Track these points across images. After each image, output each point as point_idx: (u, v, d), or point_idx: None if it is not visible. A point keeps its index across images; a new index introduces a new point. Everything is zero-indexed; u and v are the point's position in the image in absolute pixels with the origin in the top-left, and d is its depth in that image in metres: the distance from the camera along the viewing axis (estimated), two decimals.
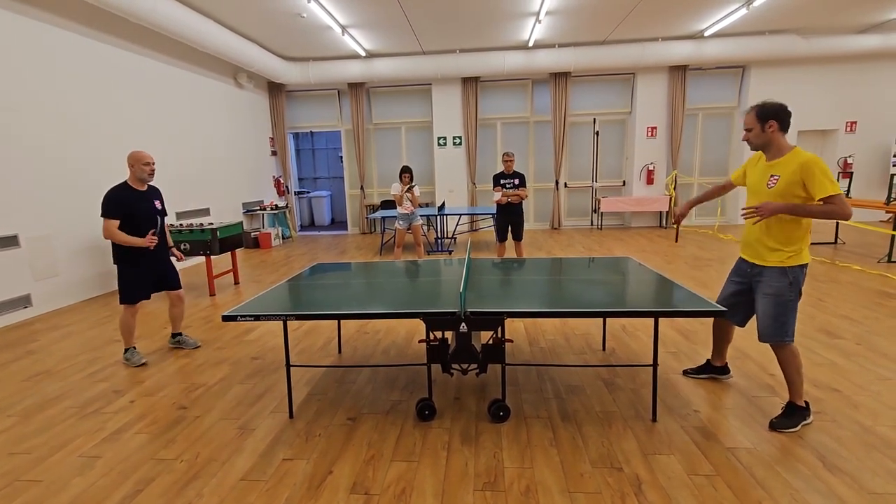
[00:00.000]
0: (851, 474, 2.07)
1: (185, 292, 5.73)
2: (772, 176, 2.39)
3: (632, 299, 2.68)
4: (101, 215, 3.37)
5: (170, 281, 3.74)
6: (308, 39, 8.23)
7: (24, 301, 4.90)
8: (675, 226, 2.54)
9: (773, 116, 2.34)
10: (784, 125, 2.34)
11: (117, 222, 3.37)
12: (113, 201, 3.37)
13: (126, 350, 3.61)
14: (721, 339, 2.92)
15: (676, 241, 2.66)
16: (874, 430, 2.38)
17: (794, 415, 2.45)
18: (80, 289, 5.52)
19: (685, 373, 3.11)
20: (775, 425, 2.44)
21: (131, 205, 3.42)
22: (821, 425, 2.46)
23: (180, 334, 3.93)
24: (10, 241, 4.76)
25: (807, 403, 2.49)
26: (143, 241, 3.41)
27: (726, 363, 3.01)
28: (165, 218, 3.73)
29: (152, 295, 3.75)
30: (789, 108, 2.36)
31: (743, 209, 2.47)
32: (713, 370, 3.02)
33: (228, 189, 8.66)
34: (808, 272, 2.45)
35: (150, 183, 3.59)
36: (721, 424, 2.50)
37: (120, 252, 3.47)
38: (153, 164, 3.50)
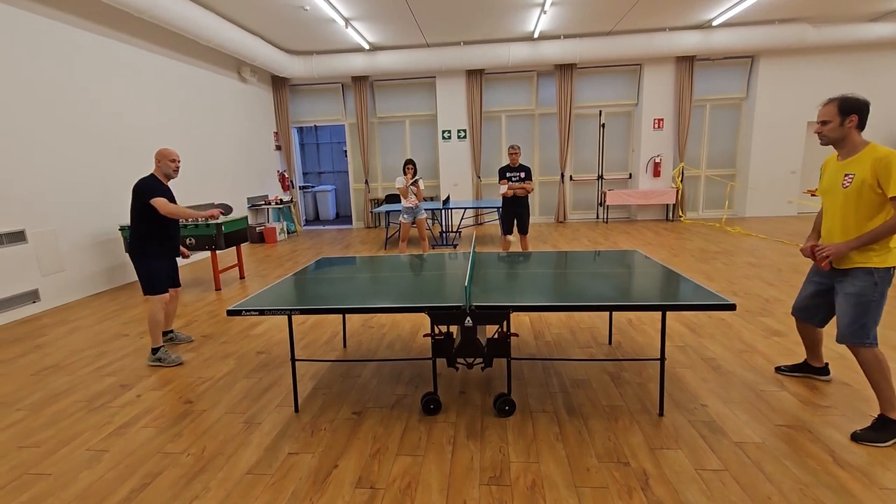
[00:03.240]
0: (862, 469, 2.04)
1: (191, 287, 5.78)
2: (846, 175, 2.28)
3: (638, 293, 2.66)
4: (148, 199, 3.33)
5: (175, 278, 3.76)
6: (311, 33, 8.18)
7: (32, 296, 4.94)
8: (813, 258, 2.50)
9: (855, 111, 2.23)
10: (863, 122, 2.24)
11: (164, 199, 3.38)
12: (149, 185, 3.38)
13: (156, 350, 3.48)
14: (811, 341, 2.79)
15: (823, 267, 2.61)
16: None
17: (884, 429, 2.24)
18: (86, 284, 5.56)
19: (777, 370, 2.97)
20: (858, 437, 2.24)
21: (159, 195, 3.42)
22: (830, 419, 2.43)
23: (172, 331, 3.92)
24: (18, 237, 4.79)
25: None
26: (210, 213, 3.56)
27: (826, 364, 2.85)
28: None
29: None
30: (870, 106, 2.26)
31: (818, 251, 2.38)
32: (812, 370, 2.87)
33: (233, 184, 8.67)
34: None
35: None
36: (729, 419, 2.47)
37: (143, 246, 3.44)
38: (179, 161, 3.54)
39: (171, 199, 3.55)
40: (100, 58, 5.78)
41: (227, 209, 3.65)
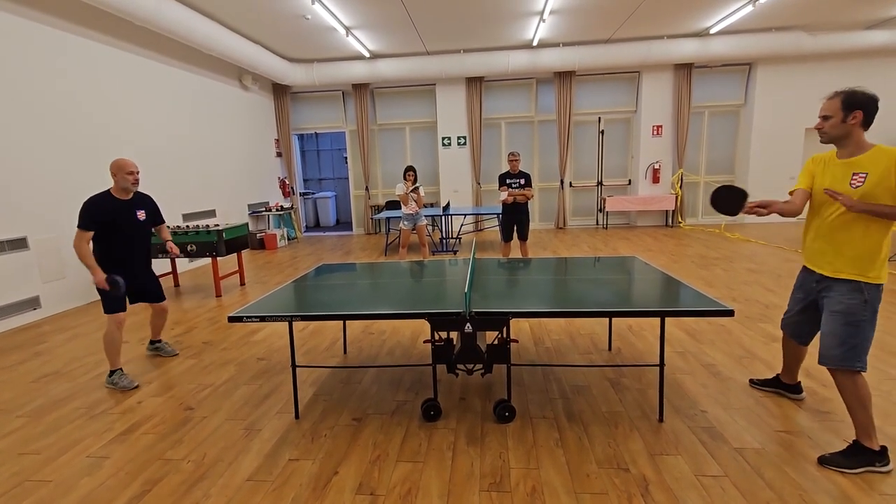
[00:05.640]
0: (862, 475, 2.04)
1: (191, 294, 5.79)
2: (856, 174, 2.07)
3: (638, 299, 2.67)
4: (77, 225, 3.11)
5: (150, 293, 3.53)
6: (312, 41, 8.25)
7: (33, 303, 4.95)
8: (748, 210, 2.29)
9: (860, 106, 2.05)
10: (868, 119, 2.07)
11: (89, 234, 3.13)
12: (88, 212, 3.13)
13: (111, 373, 3.25)
14: (792, 358, 2.65)
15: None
16: (884, 431, 2.35)
17: (857, 455, 2.08)
18: (87, 291, 5.56)
19: (751, 382, 2.89)
20: (826, 461, 2.10)
21: (110, 215, 3.20)
22: (830, 425, 2.43)
23: (159, 341, 3.82)
24: (19, 244, 4.81)
25: (883, 449, 2.08)
26: (99, 279, 3.10)
27: (798, 382, 2.72)
28: (163, 224, 3.63)
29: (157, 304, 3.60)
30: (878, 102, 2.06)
31: (828, 191, 2.10)
32: (783, 387, 2.74)
33: (234, 190, 8.70)
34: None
35: (141, 191, 3.43)
36: (728, 425, 2.48)
37: (99, 261, 3.19)
38: (137, 173, 3.30)
39: (133, 214, 3.31)
40: (102, 67, 5.82)
41: (114, 283, 3.17)
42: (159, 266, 6.43)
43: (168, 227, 5.80)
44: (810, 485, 2.00)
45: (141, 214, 3.38)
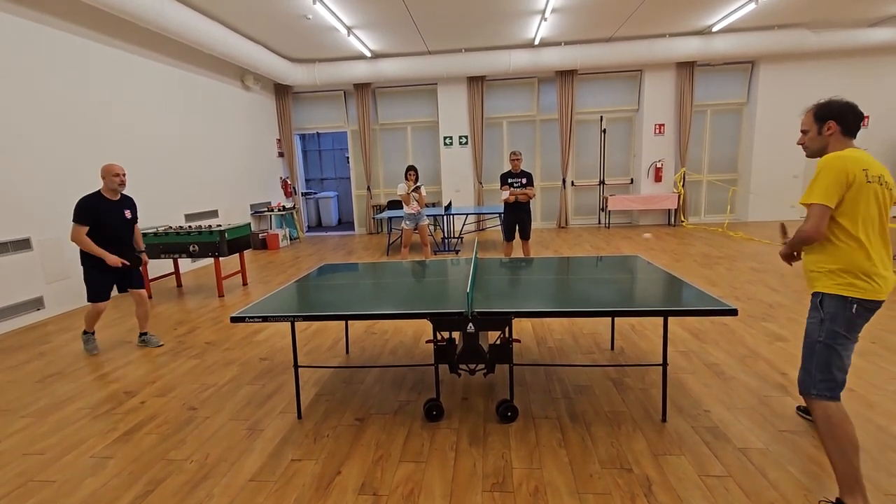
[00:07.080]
0: (866, 475, 2.02)
1: (194, 294, 5.80)
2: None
3: (640, 298, 2.66)
4: (73, 220, 3.60)
5: (131, 280, 3.95)
6: (314, 41, 8.25)
7: (37, 303, 4.96)
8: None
9: (833, 116, 1.92)
10: (847, 128, 1.92)
11: (86, 228, 3.62)
12: (83, 208, 3.60)
13: (84, 332, 3.94)
14: None
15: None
16: (889, 430, 2.34)
17: None
18: None
19: (798, 410, 2.57)
20: None
21: (102, 214, 3.66)
22: None
23: (146, 334, 4.09)
24: (23, 245, 4.83)
25: None
26: (112, 259, 3.68)
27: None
28: (136, 224, 4.03)
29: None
30: (859, 109, 1.93)
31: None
32: None
33: (236, 191, 8.71)
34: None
35: (124, 193, 3.85)
36: (732, 425, 2.47)
37: (82, 256, 3.72)
38: (123, 175, 3.74)
39: (121, 214, 3.77)
40: (105, 67, 5.84)
41: (135, 261, 3.96)
42: (161, 266, 6.45)
43: (171, 227, 5.85)
44: (815, 485, 1.99)
45: (127, 213, 3.87)
